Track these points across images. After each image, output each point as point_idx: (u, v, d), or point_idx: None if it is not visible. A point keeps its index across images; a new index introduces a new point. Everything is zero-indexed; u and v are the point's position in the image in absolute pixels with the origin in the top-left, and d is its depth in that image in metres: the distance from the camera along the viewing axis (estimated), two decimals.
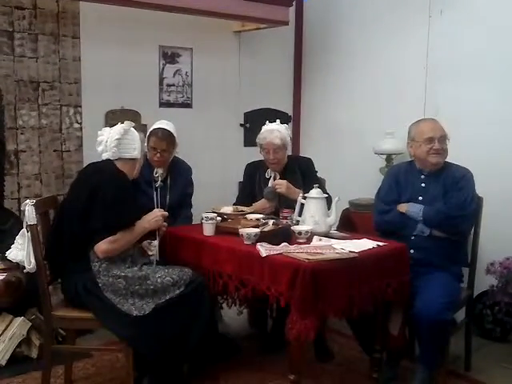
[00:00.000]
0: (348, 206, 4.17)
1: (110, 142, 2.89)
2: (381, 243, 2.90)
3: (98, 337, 3.41)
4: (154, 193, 3.48)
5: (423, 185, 3.19)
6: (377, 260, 2.79)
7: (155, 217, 2.93)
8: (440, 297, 2.84)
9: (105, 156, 2.92)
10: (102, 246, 2.73)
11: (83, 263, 2.77)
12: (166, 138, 3.41)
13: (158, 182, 3.49)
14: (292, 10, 4.67)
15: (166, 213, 3.02)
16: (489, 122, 3.77)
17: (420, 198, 3.15)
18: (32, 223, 2.72)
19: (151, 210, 3.01)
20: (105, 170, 2.88)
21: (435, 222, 3.06)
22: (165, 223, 3.01)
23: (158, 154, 3.43)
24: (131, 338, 2.71)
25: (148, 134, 3.41)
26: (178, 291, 2.78)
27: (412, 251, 3.03)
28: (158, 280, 2.77)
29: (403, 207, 3.15)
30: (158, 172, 3.49)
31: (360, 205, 4.10)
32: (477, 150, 3.71)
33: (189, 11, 4.00)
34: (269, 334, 3.70)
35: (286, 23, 4.53)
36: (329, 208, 3.09)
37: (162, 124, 3.45)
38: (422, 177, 3.20)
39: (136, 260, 2.89)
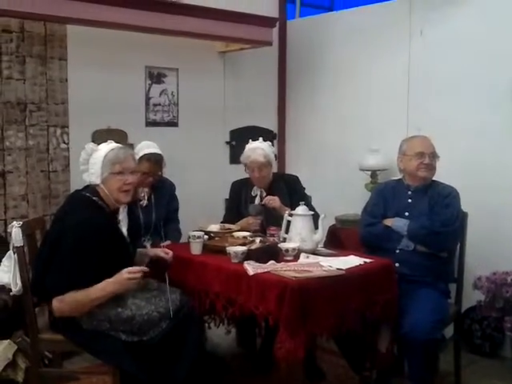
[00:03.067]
0: (334, 223, 4.18)
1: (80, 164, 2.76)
2: (368, 260, 2.90)
3: (85, 359, 3.36)
4: (140, 212, 3.47)
5: (410, 200, 3.22)
6: (364, 277, 2.79)
7: (127, 279, 2.60)
8: (429, 316, 2.84)
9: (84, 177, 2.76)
10: (54, 303, 2.59)
11: None
12: (159, 162, 3.46)
13: (144, 202, 3.51)
14: (275, 30, 4.72)
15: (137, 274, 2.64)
16: (472, 139, 3.81)
17: (406, 213, 3.18)
18: (19, 245, 2.68)
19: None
20: (77, 210, 2.66)
21: (419, 236, 3.09)
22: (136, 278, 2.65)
23: (151, 178, 3.47)
24: (120, 362, 2.63)
25: (138, 159, 3.35)
26: (164, 324, 2.69)
27: (397, 265, 3.04)
28: (145, 317, 2.66)
29: (389, 221, 3.19)
30: (144, 191, 3.51)
31: (346, 221, 4.11)
32: (461, 167, 3.76)
33: (174, 33, 4.04)
34: (257, 353, 3.67)
35: (270, 43, 4.58)
36: (315, 225, 3.09)
37: (150, 148, 3.46)
38: (409, 193, 3.23)
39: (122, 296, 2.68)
